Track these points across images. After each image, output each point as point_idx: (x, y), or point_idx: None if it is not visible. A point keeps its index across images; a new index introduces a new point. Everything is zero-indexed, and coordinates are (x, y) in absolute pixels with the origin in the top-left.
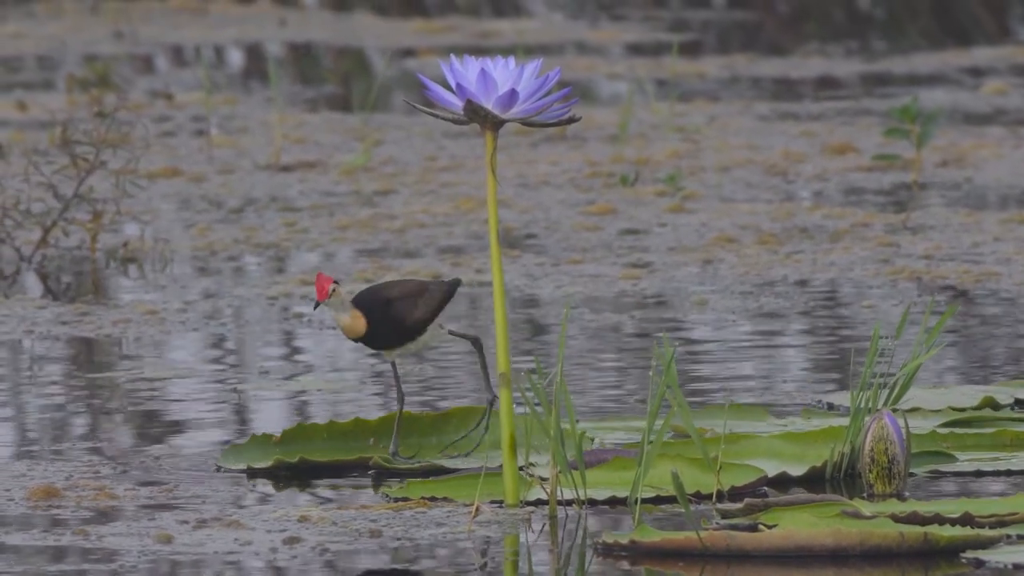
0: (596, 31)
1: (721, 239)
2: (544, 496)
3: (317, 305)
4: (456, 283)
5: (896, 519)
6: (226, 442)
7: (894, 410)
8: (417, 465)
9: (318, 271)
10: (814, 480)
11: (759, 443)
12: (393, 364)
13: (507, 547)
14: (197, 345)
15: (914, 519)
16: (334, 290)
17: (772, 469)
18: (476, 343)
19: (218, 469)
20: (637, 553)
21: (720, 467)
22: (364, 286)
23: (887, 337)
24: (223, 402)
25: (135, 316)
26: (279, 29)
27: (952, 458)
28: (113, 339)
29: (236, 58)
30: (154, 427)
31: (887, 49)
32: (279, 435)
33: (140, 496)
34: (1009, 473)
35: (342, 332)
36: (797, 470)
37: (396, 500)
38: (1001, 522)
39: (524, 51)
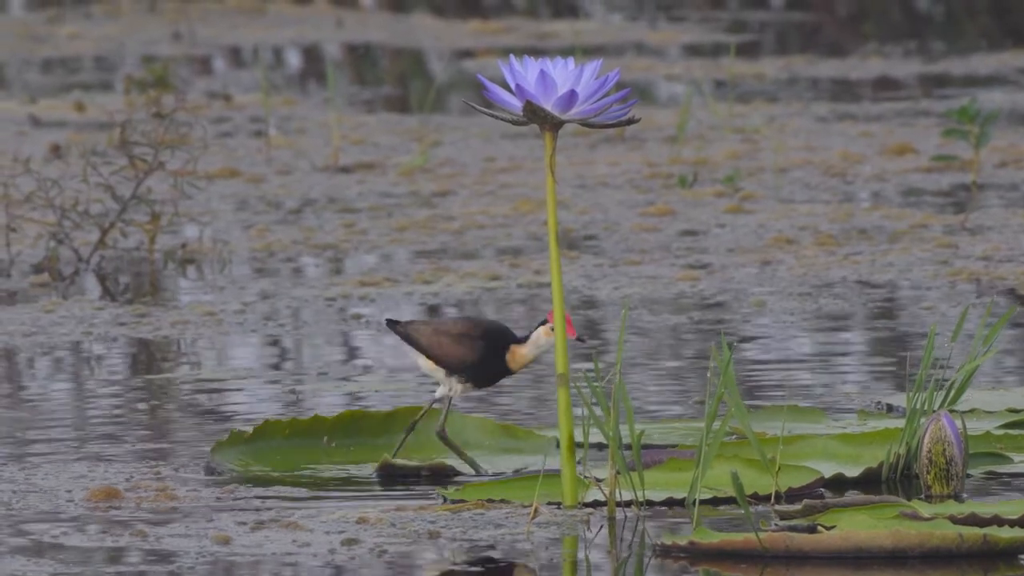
0: (654, 32)
1: (779, 240)
2: (602, 497)
3: (579, 339)
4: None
5: (955, 521)
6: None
7: (951, 411)
8: (417, 464)
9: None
10: (870, 482)
11: (815, 444)
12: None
13: (565, 548)
14: (255, 346)
15: (973, 521)
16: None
17: (828, 471)
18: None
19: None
20: (696, 555)
21: (778, 468)
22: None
23: (943, 337)
24: (281, 403)
25: (193, 317)
26: (337, 30)
27: (1007, 459)
28: (171, 340)
29: (294, 59)
30: (213, 428)
31: (946, 50)
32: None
33: (201, 497)
34: None
35: (515, 364)
36: (853, 471)
37: (454, 502)
38: None
39: (582, 52)
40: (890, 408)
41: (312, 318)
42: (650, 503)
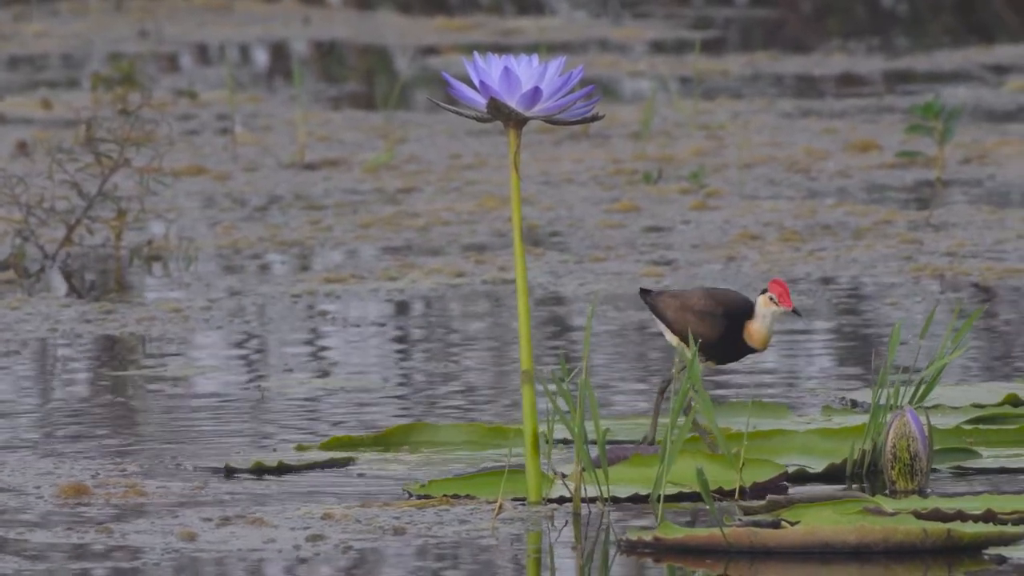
0: (619, 29)
1: (744, 236)
2: (567, 493)
3: (794, 311)
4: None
5: (919, 516)
6: (250, 439)
7: (916, 407)
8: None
9: (777, 280)
10: (834, 477)
11: (790, 439)
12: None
13: (530, 544)
14: (221, 343)
15: (937, 516)
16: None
17: (794, 465)
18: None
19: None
20: (660, 550)
21: (743, 464)
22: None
23: (907, 333)
24: (247, 400)
25: (159, 314)
26: (303, 27)
27: (976, 454)
28: (137, 337)
29: (260, 56)
30: (178, 424)
31: (910, 46)
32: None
33: (168, 493)
34: None
35: (754, 341)
36: (818, 466)
37: (419, 498)
38: None
39: (547, 49)
40: (855, 404)
41: (278, 315)
42: (615, 499)
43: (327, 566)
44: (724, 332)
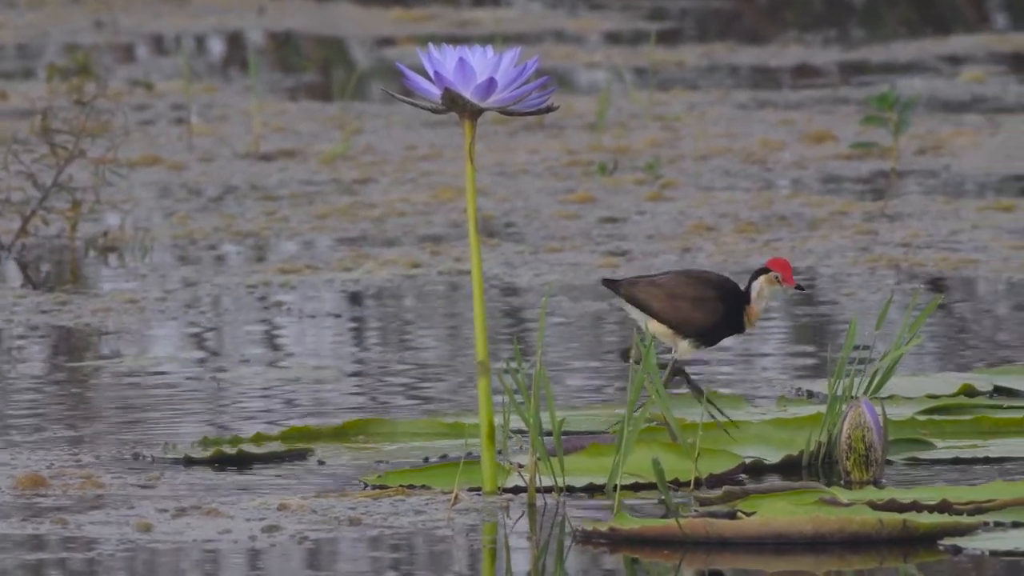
0: (574, 20)
1: (700, 227)
2: (522, 483)
3: (798, 288)
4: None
5: (874, 506)
6: (209, 430)
7: (871, 398)
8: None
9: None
10: (791, 468)
11: (747, 430)
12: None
13: (486, 535)
14: (177, 333)
15: (892, 506)
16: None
17: (749, 457)
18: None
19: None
20: (616, 540)
21: (699, 454)
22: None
23: (864, 324)
24: (203, 390)
25: (115, 305)
26: (259, 18)
27: (930, 445)
28: (93, 328)
29: (216, 47)
30: (134, 415)
31: (865, 37)
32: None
33: (125, 484)
34: (987, 460)
35: (751, 321)
36: (773, 457)
37: (374, 488)
38: (979, 509)
39: (502, 40)
40: (811, 395)
41: (233, 305)
42: (570, 489)
43: (283, 557)
44: (721, 316)
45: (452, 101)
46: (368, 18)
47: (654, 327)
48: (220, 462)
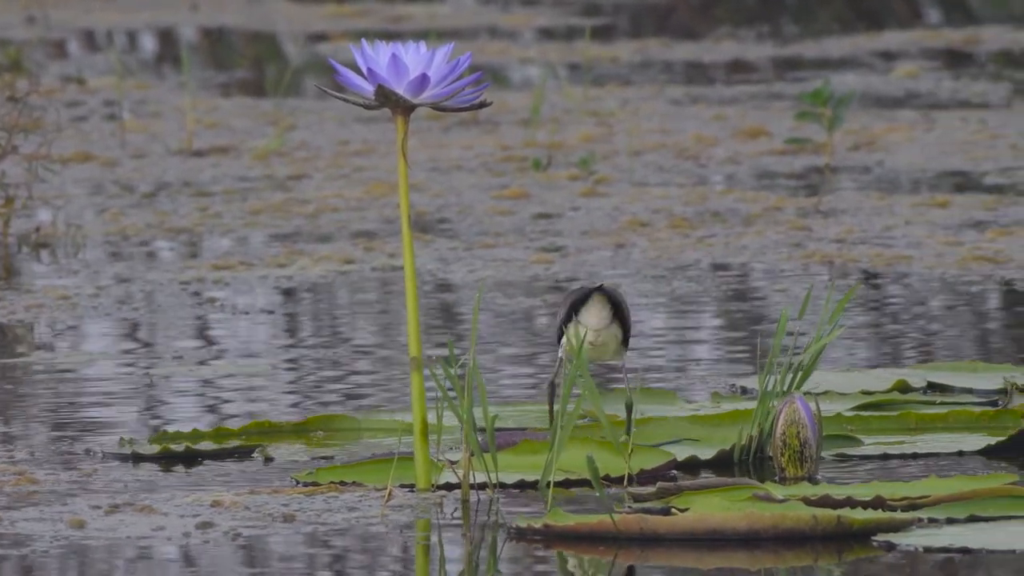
0: (508, 15)
1: (633, 223)
2: (455, 480)
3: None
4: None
5: (808, 502)
6: (144, 427)
7: (806, 394)
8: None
9: None
10: (723, 464)
11: (669, 426)
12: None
13: (419, 531)
14: (110, 330)
15: (827, 502)
16: None
17: (682, 453)
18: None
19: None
20: (550, 537)
21: (631, 451)
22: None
23: (794, 320)
24: (136, 387)
25: (48, 301)
26: (192, 14)
27: (857, 441)
28: (25, 324)
29: (149, 43)
30: (67, 412)
31: (799, 33)
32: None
33: (61, 481)
34: (915, 456)
35: None
36: (706, 454)
37: (306, 485)
38: (913, 505)
39: (436, 36)
40: (744, 390)
41: (166, 302)
42: (504, 485)
43: (217, 553)
44: None
45: (385, 97)
46: (302, 14)
47: (615, 330)
48: (167, 459)
